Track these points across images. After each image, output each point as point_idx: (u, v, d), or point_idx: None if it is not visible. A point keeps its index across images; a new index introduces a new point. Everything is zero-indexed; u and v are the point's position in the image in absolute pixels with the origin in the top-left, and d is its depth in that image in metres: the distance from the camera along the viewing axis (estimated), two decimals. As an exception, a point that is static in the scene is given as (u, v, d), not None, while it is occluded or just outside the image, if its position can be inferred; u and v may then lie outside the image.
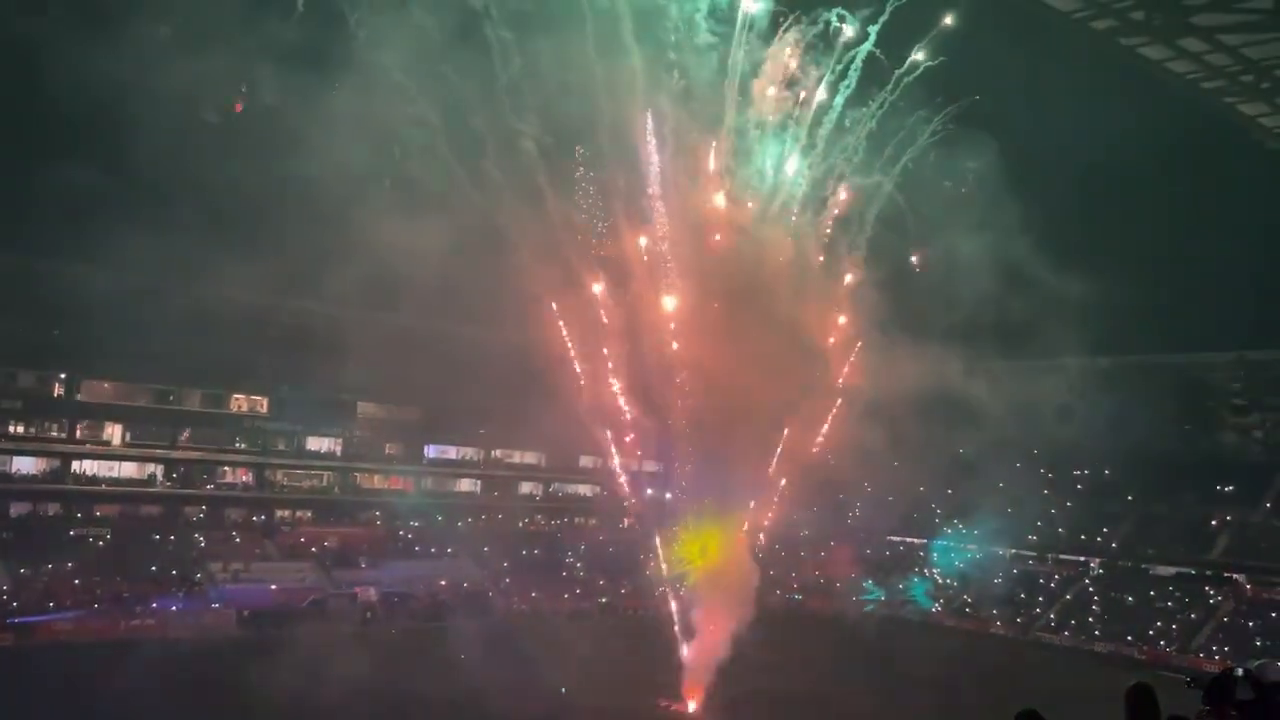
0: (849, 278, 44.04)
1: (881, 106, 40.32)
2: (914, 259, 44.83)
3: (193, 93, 38.98)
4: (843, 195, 43.32)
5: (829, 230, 43.23)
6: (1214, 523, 67.96)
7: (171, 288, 59.83)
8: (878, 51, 38.14)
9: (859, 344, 45.15)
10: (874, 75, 39.43)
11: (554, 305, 41.02)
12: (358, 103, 36.18)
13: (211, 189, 42.40)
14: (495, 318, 49.15)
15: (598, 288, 40.79)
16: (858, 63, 38.63)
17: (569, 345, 41.73)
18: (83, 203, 42.85)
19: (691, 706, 42.71)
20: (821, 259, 43.50)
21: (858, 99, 40.10)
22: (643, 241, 40.38)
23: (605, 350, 41.54)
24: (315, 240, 41.27)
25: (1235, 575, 64.01)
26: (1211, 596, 63.92)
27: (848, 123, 41.09)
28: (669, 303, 40.95)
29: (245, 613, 55.36)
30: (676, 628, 44.19)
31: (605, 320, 41.19)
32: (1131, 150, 50.22)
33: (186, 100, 38.80)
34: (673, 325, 40.91)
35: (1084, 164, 52.59)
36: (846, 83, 39.07)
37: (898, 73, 38.71)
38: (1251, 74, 38.31)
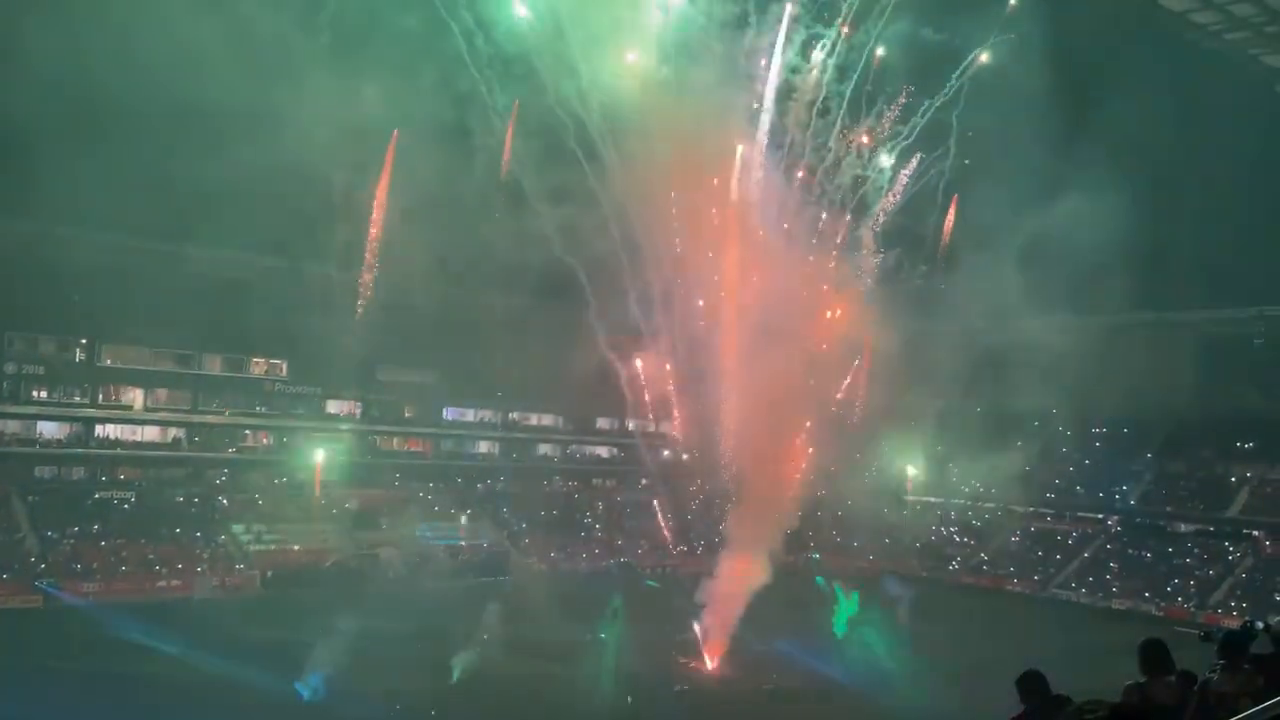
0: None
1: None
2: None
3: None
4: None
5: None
6: (1233, 479, 67.83)
7: (191, 252, 60.28)
8: None
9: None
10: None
11: None
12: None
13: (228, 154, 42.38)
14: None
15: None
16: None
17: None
18: (97, 169, 42.85)
19: (709, 664, 43.19)
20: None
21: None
22: None
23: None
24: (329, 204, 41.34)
25: (1254, 532, 63.91)
26: (1230, 553, 63.83)
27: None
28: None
29: (269, 574, 56.24)
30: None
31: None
32: (1153, 105, 49.48)
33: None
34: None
35: (1104, 119, 51.85)
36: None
37: None
38: (1276, 25, 37.59)
